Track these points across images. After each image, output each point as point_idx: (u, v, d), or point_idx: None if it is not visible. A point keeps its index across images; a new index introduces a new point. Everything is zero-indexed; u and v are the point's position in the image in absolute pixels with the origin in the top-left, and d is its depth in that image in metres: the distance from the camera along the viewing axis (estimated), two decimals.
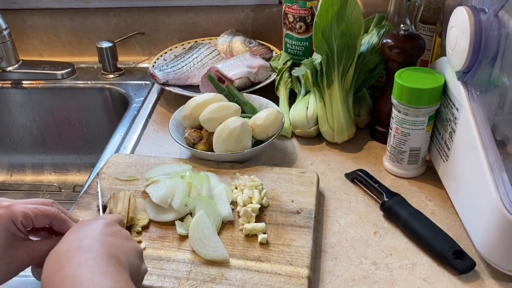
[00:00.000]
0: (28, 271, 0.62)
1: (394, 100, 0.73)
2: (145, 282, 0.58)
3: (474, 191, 0.62)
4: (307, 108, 0.86)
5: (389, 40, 0.79)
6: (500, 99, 0.62)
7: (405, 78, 0.71)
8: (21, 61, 1.17)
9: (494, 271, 0.61)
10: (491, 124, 0.61)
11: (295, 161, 0.83)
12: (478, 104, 0.63)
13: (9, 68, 1.14)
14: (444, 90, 0.71)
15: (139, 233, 0.65)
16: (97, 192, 0.72)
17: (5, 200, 0.53)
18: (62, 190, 1.17)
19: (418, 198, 0.74)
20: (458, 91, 0.66)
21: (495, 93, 0.62)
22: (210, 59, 1.07)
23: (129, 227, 0.65)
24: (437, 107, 0.72)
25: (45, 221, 0.55)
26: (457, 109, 0.67)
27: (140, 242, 0.64)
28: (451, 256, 0.61)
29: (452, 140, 0.69)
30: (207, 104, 0.81)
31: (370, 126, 0.89)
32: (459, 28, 0.63)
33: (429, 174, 0.78)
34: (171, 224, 0.66)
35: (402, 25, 0.78)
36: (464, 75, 0.65)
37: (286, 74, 0.96)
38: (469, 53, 0.61)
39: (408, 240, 0.67)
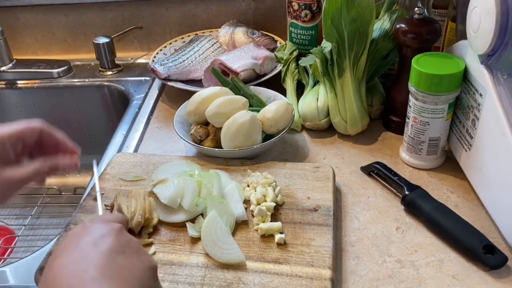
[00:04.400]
0: (30, 281, 0.59)
1: (411, 88, 0.69)
2: None
3: (503, 181, 0.58)
4: (317, 99, 0.82)
5: (403, 25, 0.75)
6: None
7: (423, 64, 0.68)
8: (15, 61, 1.13)
9: None
10: None
11: (307, 156, 0.79)
12: (505, 88, 0.59)
13: (3, 68, 1.10)
14: (464, 75, 0.67)
15: (150, 234, 0.61)
16: (101, 194, 0.68)
17: None
18: (63, 193, 1.13)
19: (439, 190, 0.70)
20: (481, 75, 0.63)
21: None
22: (212, 51, 1.03)
23: (141, 227, 0.62)
24: (458, 93, 0.68)
25: (33, 136, 0.55)
26: (480, 95, 0.63)
27: (151, 244, 0.60)
28: (481, 251, 0.58)
29: (475, 128, 0.65)
30: (213, 98, 0.77)
31: (384, 116, 0.85)
32: (483, 8, 0.59)
33: (448, 165, 0.74)
34: (182, 226, 0.62)
35: (416, 9, 0.74)
36: (488, 58, 0.61)
37: (293, 65, 0.92)
38: (495, 34, 0.57)
39: (433, 235, 0.63)
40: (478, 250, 0.58)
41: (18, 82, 1.10)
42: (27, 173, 0.53)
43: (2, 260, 0.95)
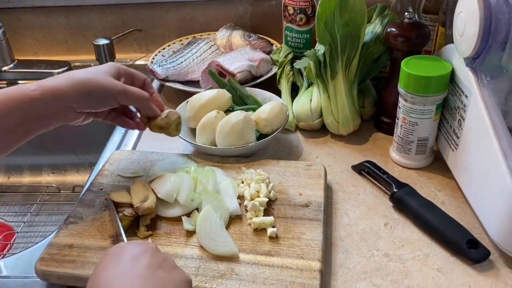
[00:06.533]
0: (30, 272, 0.61)
1: (401, 89, 0.72)
2: None
3: (487, 179, 0.61)
4: (311, 100, 0.85)
5: (394, 29, 0.78)
6: (511, 84, 0.61)
7: (411, 66, 0.70)
8: (16, 61, 1.15)
9: (509, 259, 0.60)
10: (502, 110, 0.60)
11: (300, 155, 0.82)
12: (488, 90, 0.61)
13: (4, 68, 1.13)
14: (451, 77, 0.70)
15: (147, 226, 0.63)
16: (100, 189, 0.70)
17: None
18: (61, 191, 1.14)
19: (427, 188, 0.73)
20: (467, 77, 0.65)
21: (506, 78, 0.61)
22: (210, 54, 1.05)
23: (138, 219, 0.64)
24: (445, 95, 0.71)
25: (141, 80, 0.69)
26: (466, 96, 0.65)
27: (150, 235, 0.62)
28: (465, 245, 0.60)
29: (461, 128, 0.68)
30: (211, 103, 0.81)
31: (375, 117, 0.88)
32: (468, 13, 0.61)
33: (437, 164, 0.77)
34: (178, 220, 0.64)
35: (406, 13, 0.77)
36: (473, 61, 0.64)
37: (287, 67, 0.95)
38: (479, 38, 0.60)
39: (419, 231, 0.65)
40: (462, 244, 0.60)
41: (19, 82, 1.12)
42: (134, 90, 0.66)
43: (2, 255, 0.97)
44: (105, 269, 0.46)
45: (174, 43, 1.12)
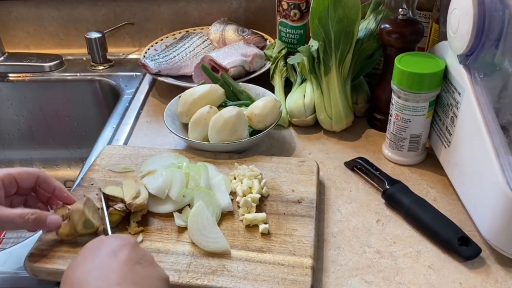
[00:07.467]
0: (20, 268, 0.60)
1: (394, 86, 0.72)
2: None
3: (479, 176, 0.61)
4: (304, 96, 0.84)
5: (387, 25, 0.78)
6: (504, 82, 0.61)
7: (405, 63, 0.70)
8: (6, 54, 1.14)
9: (500, 256, 0.60)
10: (494, 107, 0.60)
11: (293, 151, 0.81)
12: (481, 87, 0.61)
13: None
14: (445, 74, 0.70)
15: (138, 223, 0.63)
16: (91, 184, 0.70)
17: None
18: None
19: (419, 185, 0.73)
20: (460, 75, 0.65)
21: (499, 76, 0.61)
22: (203, 48, 1.05)
23: (129, 215, 0.63)
24: (438, 92, 0.71)
25: (29, 180, 0.57)
26: (459, 94, 0.65)
27: (142, 231, 0.62)
28: (456, 242, 0.60)
29: (454, 125, 0.68)
30: (204, 98, 0.80)
31: (368, 114, 0.87)
32: (462, 9, 0.61)
33: (429, 161, 0.77)
34: (169, 216, 0.64)
35: (400, 10, 0.76)
36: (466, 58, 0.64)
37: (281, 63, 0.94)
38: (472, 35, 0.60)
39: (411, 228, 0.65)
40: (454, 242, 0.60)
41: (10, 75, 1.10)
42: (9, 215, 0.53)
43: None
44: (82, 263, 0.46)
45: (167, 37, 1.11)
